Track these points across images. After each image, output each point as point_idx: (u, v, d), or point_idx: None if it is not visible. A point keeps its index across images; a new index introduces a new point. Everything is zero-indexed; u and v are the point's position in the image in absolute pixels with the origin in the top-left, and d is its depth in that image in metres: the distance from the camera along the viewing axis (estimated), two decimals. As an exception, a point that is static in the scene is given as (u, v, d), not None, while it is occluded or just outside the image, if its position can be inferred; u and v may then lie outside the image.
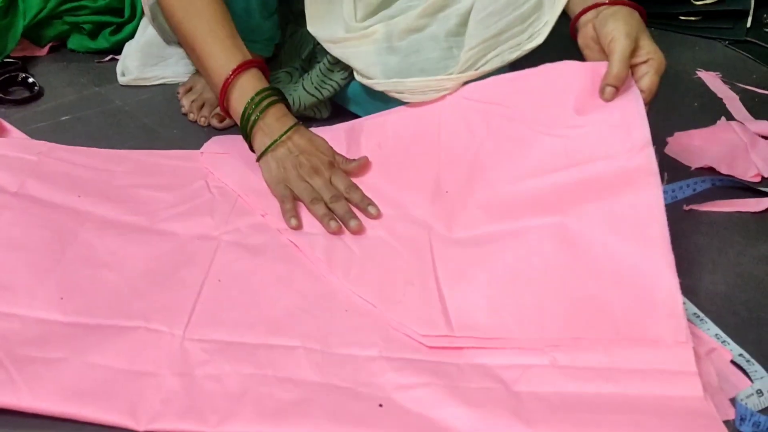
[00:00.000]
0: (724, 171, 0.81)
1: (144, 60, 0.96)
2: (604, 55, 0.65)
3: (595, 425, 0.49)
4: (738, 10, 1.19)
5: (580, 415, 0.50)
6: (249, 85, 0.72)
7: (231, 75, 0.71)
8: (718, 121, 0.92)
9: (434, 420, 0.50)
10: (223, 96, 0.73)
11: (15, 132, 0.80)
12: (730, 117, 0.94)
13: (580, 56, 0.69)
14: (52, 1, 0.97)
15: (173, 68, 0.97)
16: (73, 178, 0.72)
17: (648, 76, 0.64)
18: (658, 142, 0.85)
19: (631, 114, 0.62)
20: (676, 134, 0.88)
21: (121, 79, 0.96)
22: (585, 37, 0.69)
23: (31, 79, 0.92)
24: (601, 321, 0.57)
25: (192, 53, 0.76)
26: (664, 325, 0.55)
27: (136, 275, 0.62)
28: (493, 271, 0.62)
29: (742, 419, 0.51)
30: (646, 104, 0.63)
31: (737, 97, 0.99)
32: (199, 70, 0.78)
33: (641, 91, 0.63)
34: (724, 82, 1.04)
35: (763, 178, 0.81)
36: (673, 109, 0.96)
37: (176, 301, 0.60)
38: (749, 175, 0.81)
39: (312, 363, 0.55)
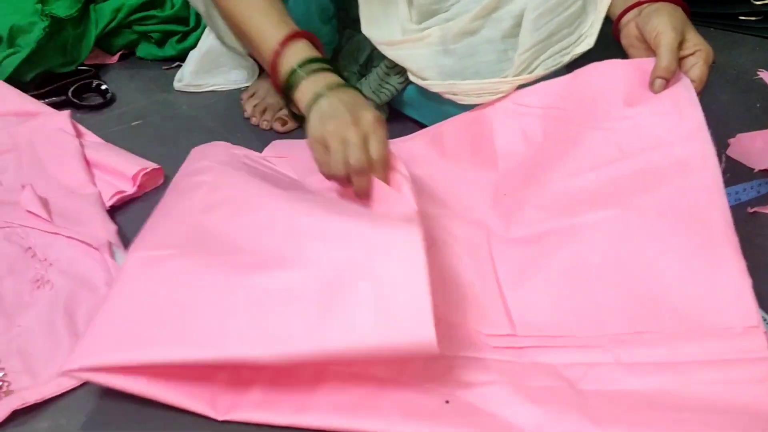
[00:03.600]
0: (788, 173, 0.80)
1: (198, 67, 1.00)
2: (650, 52, 0.65)
3: (663, 423, 0.49)
4: (800, 9, 1.17)
5: (648, 413, 0.50)
6: (299, 53, 0.68)
7: (279, 47, 0.68)
8: (781, 123, 0.90)
9: (501, 417, 0.51)
10: (274, 68, 0.69)
11: (91, 136, 0.84)
12: (793, 118, 0.92)
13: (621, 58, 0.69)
14: (123, 11, 1.02)
15: (224, 76, 1.01)
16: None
17: (697, 66, 0.63)
18: (720, 144, 0.84)
19: (682, 101, 0.62)
20: (738, 136, 0.87)
21: (176, 85, 1.00)
22: (628, 36, 0.69)
23: (103, 86, 0.97)
24: (665, 313, 0.56)
25: (242, 36, 0.74)
26: (733, 311, 0.53)
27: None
28: (552, 269, 0.62)
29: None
30: (697, 94, 0.62)
31: (800, 98, 0.98)
32: (252, 52, 0.75)
33: (691, 81, 0.63)
34: (787, 83, 1.02)
35: (829, 180, 0.79)
36: (735, 110, 0.94)
37: None
38: (815, 178, 0.79)
39: (382, 359, 0.56)
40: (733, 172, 0.80)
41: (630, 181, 0.62)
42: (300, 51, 0.68)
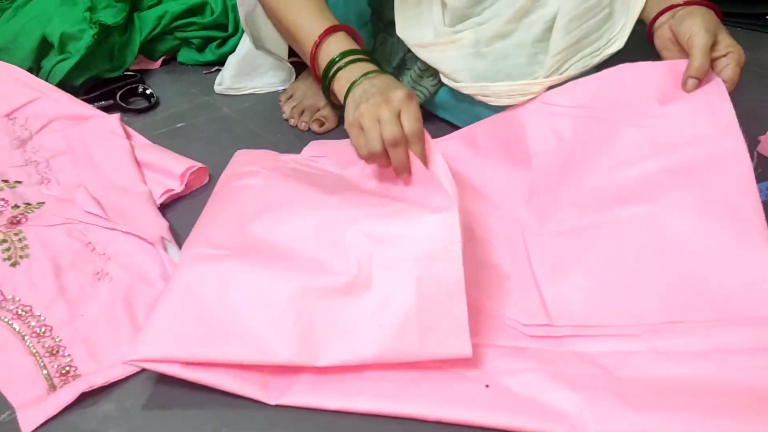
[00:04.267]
0: (818, 169, 0.81)
1: (237, 71, 1.03)
2: (683, 53, 0.67)
3: (701, 407, 0.50)
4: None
5: (685, 397, 0.52)
6: (337, 45, 0.70)
7: (318, 39, 0.71)
8: (810, 120, 0.91)
9: (541, 403, 0.53)
10: (314, 62, 0.71)
11: (139, 137, 0.88)
12: (822, 115, 0.93)
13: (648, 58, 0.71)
14: (165, 18, 1.05)
15: (261, 79, 1.04)
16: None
17: (729, 67, 0.65)
18: (751, 141, 0.85)
19: (714, 99, 0.64)
20: (768, 133, 0.88)
21: (217, 88, 1.04)
22: (662, 38, 0.71)
23: (148, 90, 1.01)
24: (700, 303, 0.57)
25: (286, 33, 0.77)
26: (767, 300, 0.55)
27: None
28: (588, 262, 0.64)
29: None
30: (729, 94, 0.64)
31: (829, 95, 0.98)
32: (294, 48, 0.78)
33: (723, 81, 0.65)
34: (815, 80, 1.03)
35: None
36: (763, 108, 0.95)
37: None
38: None
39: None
40: (764, 169, 0.81)
41: (664, 177, 0.64)
42: (338, 43, 0.71)
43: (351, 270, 0.58)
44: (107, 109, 0.94)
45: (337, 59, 0.70)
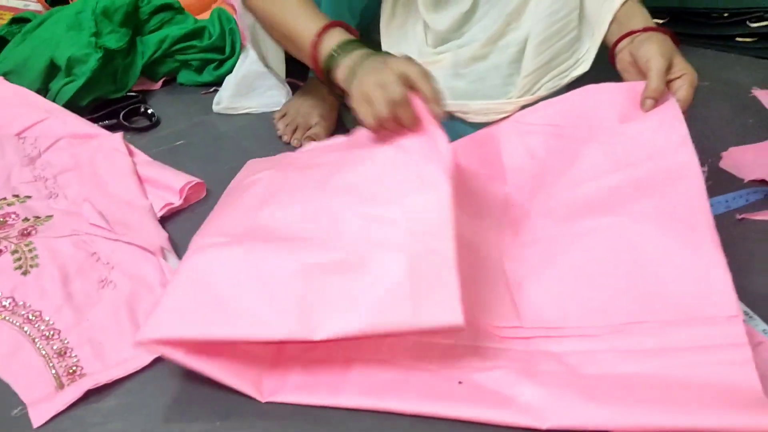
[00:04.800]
0: (776, 183, 0.85)
1: (235, 91, 1.08)
2: (642, 76, 0.72)
3: (653, 399, 0.55)
4: (794, 31, 1.22)
5: (640, 391, 0.56)
6: (335, 38, 0.73)
7: (316, 37, 0.73)
8: (772, 137, 0.96)
9: (508, 396, 0.58)
10: (314, 58, 0.73)
11: (141, 155, 0.93)
12: (784, 133, 0.98)
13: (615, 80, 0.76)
14: (166, 42, 1.11)
15: (258, 99, 1.09)
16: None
17: (683, 88, 0.71)
18: (714, 156, 0.91)
19: (669, 118, 0.69)
20: (731, 149, 0.92)
21: (215, 107, 1.09)
22: (623, 62, 0.77)
23: (150, 110, 1.06)
24: (656, 305, 0.62)
25: (282, 37, 0.80)
26: (716, 302, 0.59)
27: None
28: (556, 269, 0.69)
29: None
30: (682, 113, 0.70)
31: (791, 114, 1.03)
32: (291, 51, 0.81)
33: (678, 100, 0.70)
34: (779, 100, 1.08)
35: (815, 189, 0.85)
36: (729, 125, 1.00)
37: None
38: (802, 187, 0.85)
39: (404, 348, 0.64)
40: (725, 183, 0.86)
41: (625, 190, 0.69)
42: (335, 37, 0.73)
43: (345, 248, 0.61)
44: (111, 128, 0.99)
45: (334, 51, 0.72)
